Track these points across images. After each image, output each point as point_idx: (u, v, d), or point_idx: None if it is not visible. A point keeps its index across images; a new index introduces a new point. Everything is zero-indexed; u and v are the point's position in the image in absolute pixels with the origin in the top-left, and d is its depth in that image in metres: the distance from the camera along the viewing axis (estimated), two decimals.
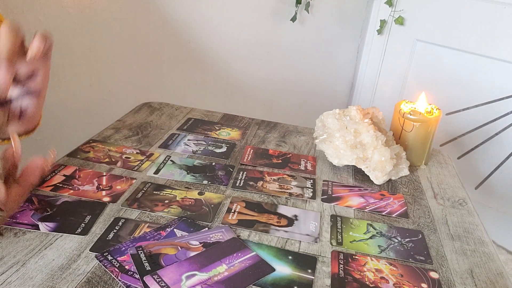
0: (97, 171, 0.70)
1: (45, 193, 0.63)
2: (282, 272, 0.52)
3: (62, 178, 0.67)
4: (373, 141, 0.74)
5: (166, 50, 1.57)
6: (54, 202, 0.60)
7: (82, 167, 0.70)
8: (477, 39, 1.54)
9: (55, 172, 0.68)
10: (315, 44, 1.78)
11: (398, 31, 1.73)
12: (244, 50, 1.69)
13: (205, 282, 0.48)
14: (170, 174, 0.71)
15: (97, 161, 0.73)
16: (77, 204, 0.61)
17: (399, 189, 0.74)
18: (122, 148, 0.78)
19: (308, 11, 1.67)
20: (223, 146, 0.83)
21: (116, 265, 0.50)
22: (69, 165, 0.70)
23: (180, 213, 0.61)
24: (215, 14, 1.58)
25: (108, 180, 0.67)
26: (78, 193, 0.63)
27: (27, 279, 0.47)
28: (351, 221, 0.64)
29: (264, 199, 0.67)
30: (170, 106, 0.99)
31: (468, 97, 1.56)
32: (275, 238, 0.58)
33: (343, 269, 0.53)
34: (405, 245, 0.59)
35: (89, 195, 0.63)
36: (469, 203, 0.72)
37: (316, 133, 0.80)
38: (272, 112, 1.85)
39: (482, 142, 1.33)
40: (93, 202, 0.62)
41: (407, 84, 1.77)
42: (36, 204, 0.60)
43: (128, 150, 0.77)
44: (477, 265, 0.57)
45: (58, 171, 0.68)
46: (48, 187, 0.64)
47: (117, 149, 0.77)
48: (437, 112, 0.80)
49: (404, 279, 0.53)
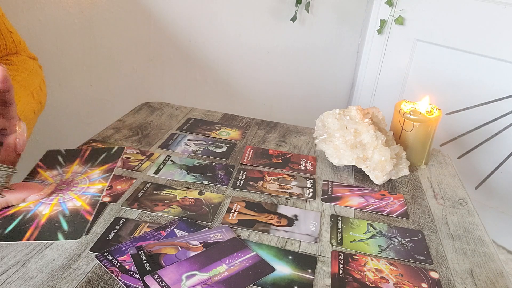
0: None
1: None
2: (282, 272, 0.52)
3: None
4: (373, 141, 0.74)
5: (166, 50, 1.57)
6: None
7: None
8: (477, 39, 1.54)
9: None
10: (315, 44, 1.78)
11: (398, 31, 1.73)
12: (244, 50, 1.69)
13: (205, 282, 0.48)
14: (170, 174, 0.71)
15: None
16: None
17: (399, 189, 0.74)
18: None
19: (308, 11, 1.67)
20: (223, 146, 0.83)
21: (116, 265, 0.50)
22: None
23: (180, 213, 0.61)
24: (215, 14, 1.58)
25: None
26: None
27: (27, 279, 0.47)
28: (351, 221, 0.64)
29: (264, 199, 0.67)
30: (170, 106, 0.99)
31: (468, 97, 1.56)
32: (275, 238, 0.58)
33: (343, 269, 0.54)
34: (405, 245, 0.59)
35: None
36: (469, 203, 0.72)
37: (316, 133, 0.80)
38: (272, 112, 1.85)
39: (482, 142, 1.33)
40: None
41: (407, 84, 1.77)
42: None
43: (128, 150, 0.77)
44: (477, 265, 0.57)
45: None
46: None
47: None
48: (437, 112, 0.80)
49: (404, 279, 0.53)
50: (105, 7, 1.41)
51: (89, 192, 0.59)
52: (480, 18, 1.51)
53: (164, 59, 1.58)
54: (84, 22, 1.40)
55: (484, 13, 1.50)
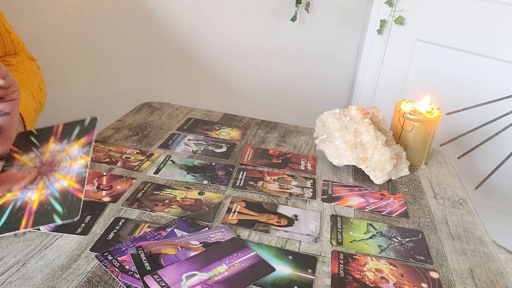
0: (97, 171, 0.70)
1: None
2: (282, 272, 0.52)
3: None
4: (373, 141, 0.74)
5: (167, 50, 1.57)
6: None
7: None
8: (477, 39, 1.54)
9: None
10: (315, 44, 1.78)
11: (398, 31, 1.72)
12: (244, 50, 1.69)
13: (205, 282, 0.48)
14: (170, 174, 0.71)
15: (97, 161, 0.73)
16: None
17: (399, 189, 0.74)
18: (122, 148, 0.78)
19: (308, 11, 1.67)
20: (223, 146, 0.83)
21: (116, 265, 0.50)
22: None
23: (180, 213, 0.61)
24: (215, 14, 1.58)
25: (108, 180, 0.67)
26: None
27: (27, 279, 0.47)
28: (351, 221, 0.64)
29: (264, 199, 0.67)
30: (170, 106, 0.99)
31: (468, 97, 1.56)
32: (275, 238, 0.58)
33: (343, 269, 0.54)
34: (405, 245, 0.59)
35: (89, 195, 0.63)
36: (469, 203, 0.72)
37: (316, 133, 0.80)
38: (272, 112, 1.85)
39: (482, 142, 1.33)
40: (93, 202, 0.62)
41: (407, 84, 1.76)
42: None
43: (128, 150, 0.77)
44: (477, 265, 0.57)
45: None
46: None
47: (117, 149, 0.77)
48: (437, 112, 0.80)
49: (404, 279, 0.53)
50: (105, 7, 1.41)
51: (74, 170, 0.57)
52: (480, 18, 1.51)
53: (164, 59, 1.58)
54: (84, 22, 1.40)
55: (484, 13, 1.50)
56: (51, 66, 1.41)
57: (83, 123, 0.63)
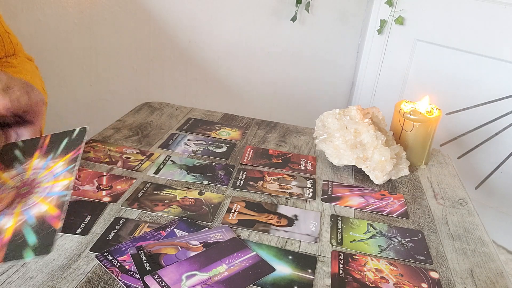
0: (97, 171, 0.70)
1: None
2: (282, 272, 0.52)
3: None
4: (373, 141, 0.74)
5: (167, 50, 1.57)
6: None
7: (82, 167, 0.70)
8: (477, 39, 1.54)
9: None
10: (315, 44, 1.78)
11: (398, 31, 1.73)
12: (244, 50, 1.69)
13: (205, 282, 0.48)
14: (170, 174, 0.71)
15: (97, 161, 0.73)
16: (77, 204, 0.61)
17: (399, 189, 0.74)
18: (122, 148, 0.78)
19: (308, 11, 1.67)
20: (223, 146, 0.83)
21: (116, 265, 0.50)
22: None
23: (180, 213, 0.61)
24: (215, 14, 1.58)
25: (108, 180, 0.67)
26: (78, 193, 0.63)
27: (27, 279, 0.47)
28: (351, 221, 0.64)
29: (264, 199, 0.67)
30: (170, 106, 0.99)
31: (468, 97, 1.56)
32: (275, 238, 0.58)
33: (343, 269, 0.54)
34: (405, 245, 0.59)
35: (89, 195, 0.63)
36: (469, 203, 0.72)
37: (316, 133, 0.80)
38: (272, 112, 1.85)
39: (482, 142, 1.33)
40: (93, 202, 0.62)
41: (407, 84, 1.77)
42: None
43: (128, 150, 0.77)
44: (477, 265, 0.57)
45: None
46: None
47: (117, 149, 0.77)
48: (437, 112, 0.80)
49: (404, 279, 0.53)
50: (105, 7, 1.41)
51: (55, 192, 0.50)
52: (480, 18, 1.51)
53: (164, 59, 1.58)
54: (84, 22, 1.40)
55: (484, 13, 1.50)
56: (51, 66, 1.41)
57: (72, 134, 0.57)
